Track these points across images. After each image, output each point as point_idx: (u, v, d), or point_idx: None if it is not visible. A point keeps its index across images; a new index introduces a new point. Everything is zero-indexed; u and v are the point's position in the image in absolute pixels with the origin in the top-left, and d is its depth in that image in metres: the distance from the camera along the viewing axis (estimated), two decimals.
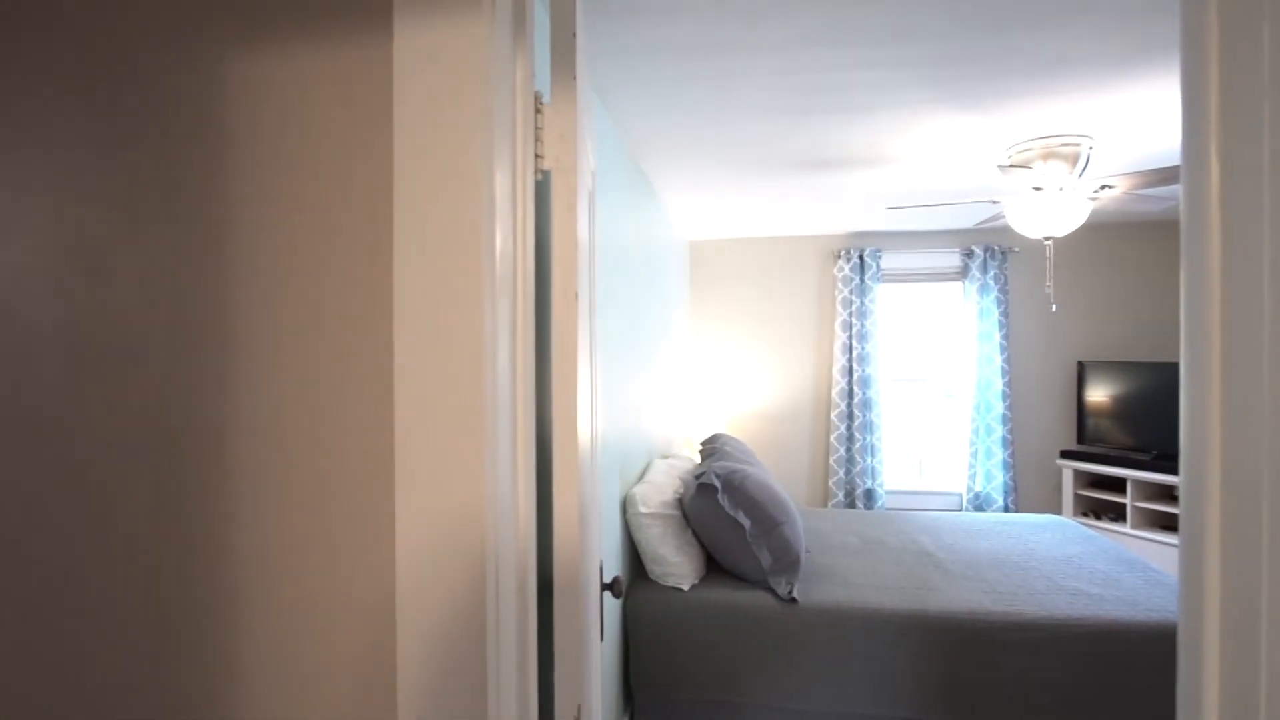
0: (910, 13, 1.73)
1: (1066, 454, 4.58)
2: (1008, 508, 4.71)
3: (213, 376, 0.79)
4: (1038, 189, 2.89)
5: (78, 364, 0.83)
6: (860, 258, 4.87)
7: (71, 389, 0.83)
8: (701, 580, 2.64)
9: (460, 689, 0.71)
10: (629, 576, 2.67)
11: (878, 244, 4.92)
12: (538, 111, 0.84)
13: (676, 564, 2.58)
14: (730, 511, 2.57)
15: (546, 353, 0.91)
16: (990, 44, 1.91)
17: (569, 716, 0.93)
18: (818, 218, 4.43)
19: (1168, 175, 2.67)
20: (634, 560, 2.74)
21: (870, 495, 4.83)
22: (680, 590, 2.56)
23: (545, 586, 1.04)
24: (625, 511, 2.62)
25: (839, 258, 4.92)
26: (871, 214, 4.29)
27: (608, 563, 2.31)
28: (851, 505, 4.85)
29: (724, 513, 2.58)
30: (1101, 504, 4.48)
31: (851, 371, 4.87)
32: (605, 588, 1.47)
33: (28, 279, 0.83)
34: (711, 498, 2.60)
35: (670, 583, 2.58)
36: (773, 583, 2.54)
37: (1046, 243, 3.39)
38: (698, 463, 3.33)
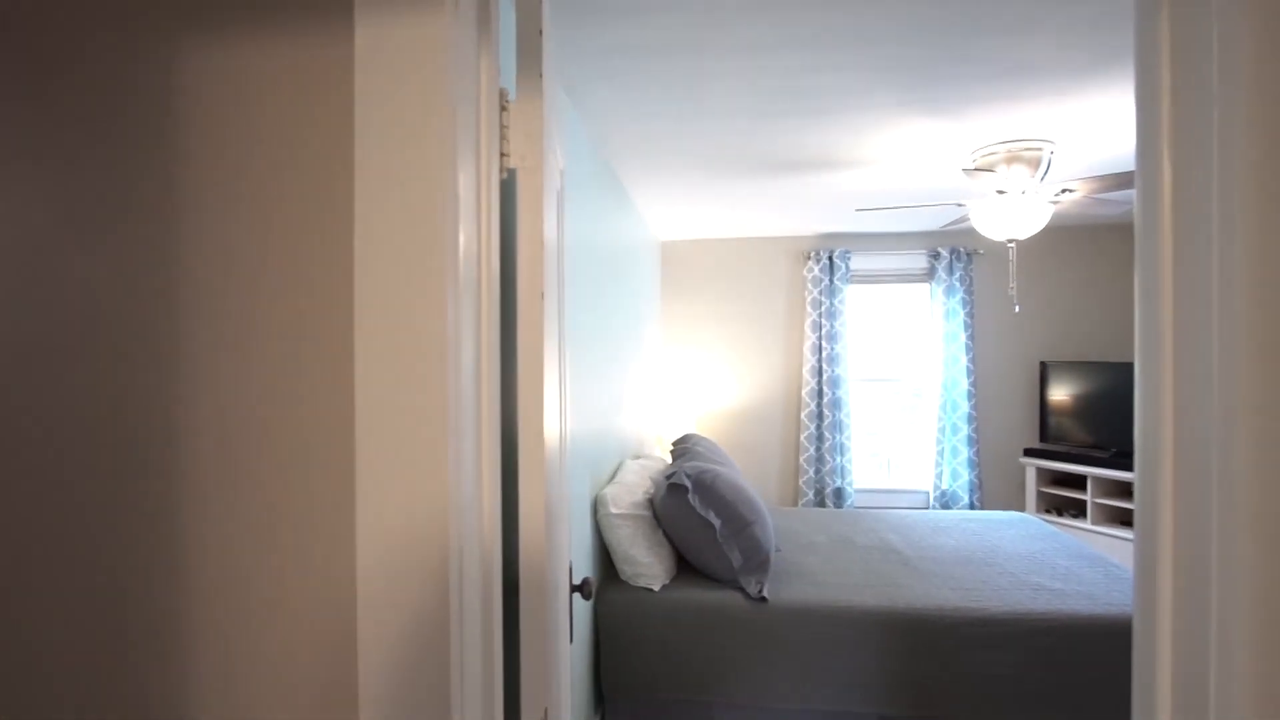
0: (878, 17, 1.75)
1: (1029, 452, 4.67)
2: (973, 505, 4.79)
3: (168, 377, 0.77)
4: (1001, 192, 2.95)
5: (30, 366, 0.80)
6: (830, 259, 4.92)
7: (24, 391, 0.80)
8: (672, 580, 2.65)
9: (423, 692, 0.70)
10: (600, 577, 2.66)
11: (847, 245, 4.97)
12: (503, 109, 0.84)
13: (647, 564, 2.58)
14: (701, 511, 2.58)
15: (513, 353, 0.90)
16: (956, 50, 1.94)
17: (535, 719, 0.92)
18: (788, 219, 4.47)
19: (1124, 180, 2.74)
20: (605, 561, 2.73)
21: (840, 494, 4.88)
22: (651, 591, 2.56)
23: (512, 588, 1.03)
24: (596, 512, 2.61)
25: (809, 259, 4.97)
26: (841, 216, 4.34)
27: (578, 564, 2.30)
28: (821, 504, 4.90)
29: (695, 513, 2.58)
30: (1063, 501, 4.58)
31: (821, 371, 4.92)
32: (575, 589, 1.47)
33: None
34: (682, 498, 2.61)
35: (641, 583, 2.58)
36: (743, 582, 2.55)
37: (1010, 245, 3.46)
38: (669, 463, 3.33)
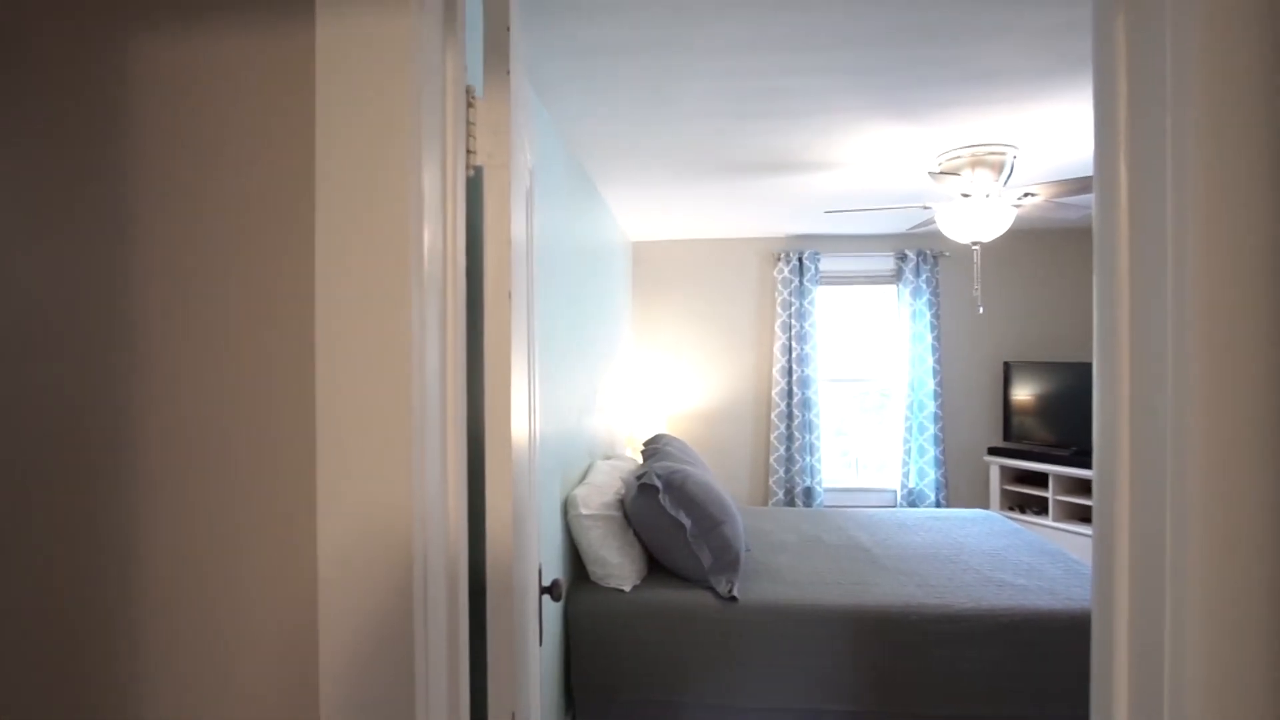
0: (847, 21, 1.76)
1: (993, 450, 4.77)
2: (939, 503, 4.87)
3: (120, 377, 0.75)
4: (966, 195, 3.00)
5: None
6: (799, 260, 4.97)
7: None
8: (643, 581, 2.65)
9: (386, 695, 0.69)
10: (570, 579, 2.65)
11: (816, 247, 5.02)
12: (470, 106, 0.83)
13: (618, 565, 2.57)
14: (671, 511, 2.58)
15: (480, 353, 0.89)
16: (923, 54, 1.97)
17: None
18: (758, 220, 4.50)
19: (1084, 184, 2.81)
20: (575, 562, 2.72)
21: (809, 493, 4.93)
22: (622, 591, 2.55)
23: (480, 590, 1.01)
24: (566, 513, 2.60)
25: (779, 260, 5.01)
26: (810, 217, 4.38)
27: (548, 565, 2.28)
28: (791, 503, 4.94)
29: (665, 513, 2.58)
30: (1026, 498, 4.68)
31: (791, 372, 4.96)
32: (544, 591, 1.46)
33: None
34: (653, 498, 2.61)
35: (612, 584, 2.57)
36: (713, 582, 2.56)
37: (974, 247, 3.53)
38: (640, 463, 3.33)
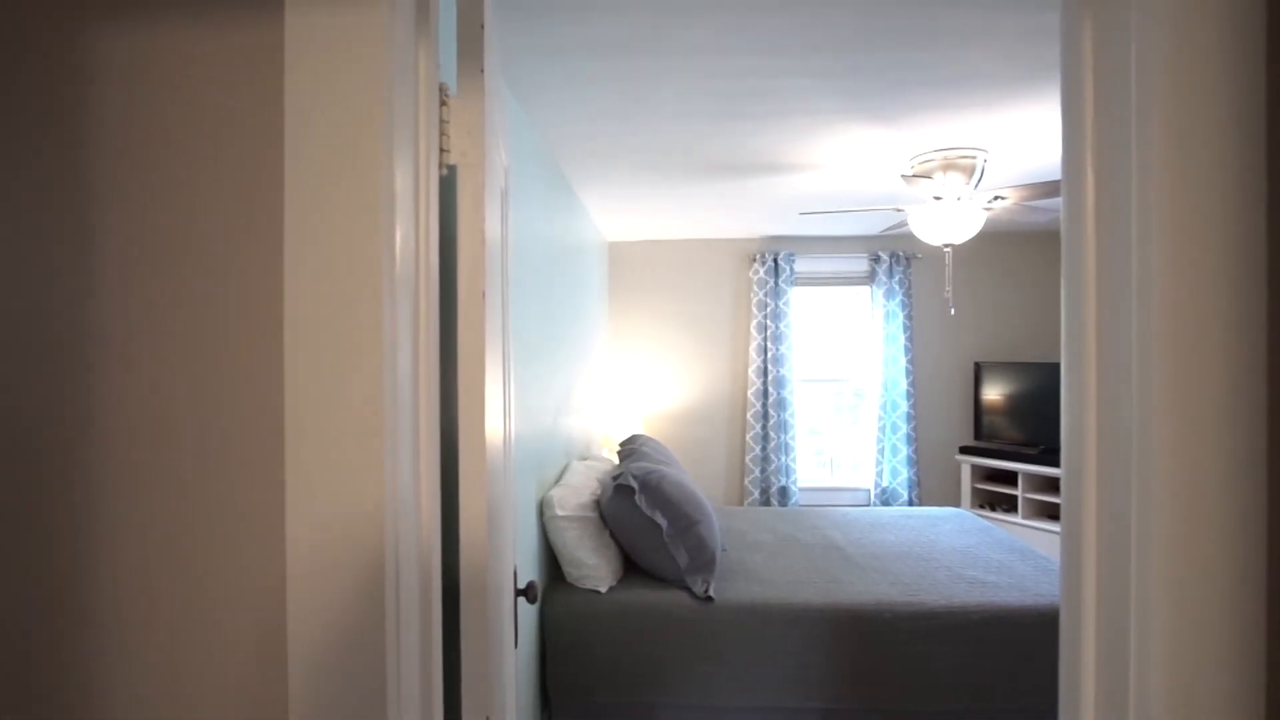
0: (821, 24, 1.78)
1: (964, 449, 4.84)
2: (912, 501, 4.94)
3: (82, 375, 0.73)
4: (938, 198, 3.05)
5: None
6: (775, 261, 5.00)
7: None
8: (619, 582, 2.64)
9: (357, 698, 0.68)
10: (546, 580, 2.64)
11: (791, 248, 5.06)
12: (443, 104, 0.82)
13: (594, 566, 2.57)
14: (648, 512, 2.58)
15: (454, 353, 0.88)
16: (896, 59, 1.99)
17: None
18: (734, 221, 4.52)
19: (1052, 188, 2.86)
20: (551, 564, 2.71)
21: (784, 493, 4.96)
22: (598, 592, 2.55)
23: (454, 592, 1.00)
24: (542, 514, 2.59)
25: (754, 261, 5.03)
26: (785, 219, 4.41)
27: (523, 567, 2.27)
28: (767, 503, 4.97)
29: (641, 513, 2.58)
30: (996, 496, 4.76)
31: (766, 372, 4.99)
32: (520, 593, 1.45)
33: None
34: (629, 499, 2.60)
35: (588, 585, 2.56)
36: (689, 582, 2.56)
37: (946, 249, 3.58)
38: (616, 464, 3.33)
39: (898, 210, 3.36)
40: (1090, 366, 0.82)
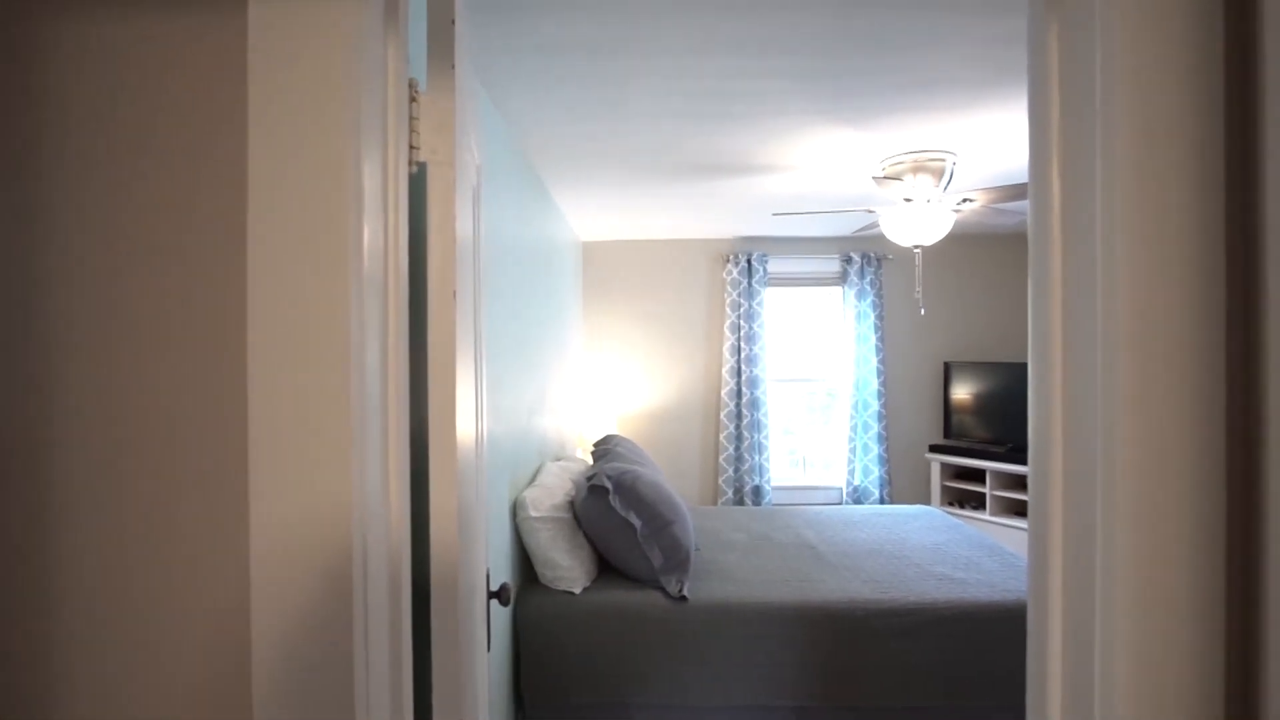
0: (794, 26, 1.79)
1: (934, 448, 4.91)
2: (883, 500, 5.00)
3: (35, 374, 0.70)
4: (908, 200, 3.08)
5: None
6: (748, 262, 5.02)
7: None
8: (593, 583, 2.63)
9: (325, 706, 0.66)
10: (519, 582, 2.62)
11: (765, 249, 5.09)
12: (413, 100, 0.80)
13: (568, 567, 2.55)
14: (622, 512, 2.57)
15: (424, 352, 0.87)
16: (867, 62, 2.01)
17: None
18: (708, 222, 4.54)
19: (1020, 191, 2.92)
20: (525, 565, 2.69)
21: (758, 492, 4.99)
22: (572, 594, 2.54)
23: (425, 594, 0.99)
24: (516, 515, 2.57)
25: (728, 261, 5.05)
26: (759, 220, 4.43)
27: (497, 569, 2.25)
28: (740, 502, 4.99)
29: (615, 514, 2.58)
30: (965, 493, 4.83)
31: (740, 372, 5.02)
32: (492, 595, 1.43)
33: None
34: (603, 499, 2.60)
35: (562, 586, 2.55)
36: (664, 582, 2.56)
37: (916, 251, 3.63)
38: (590, 464, 3.32)
39: (869, 212, 3.39)
40: (1056, 366, 0.84)
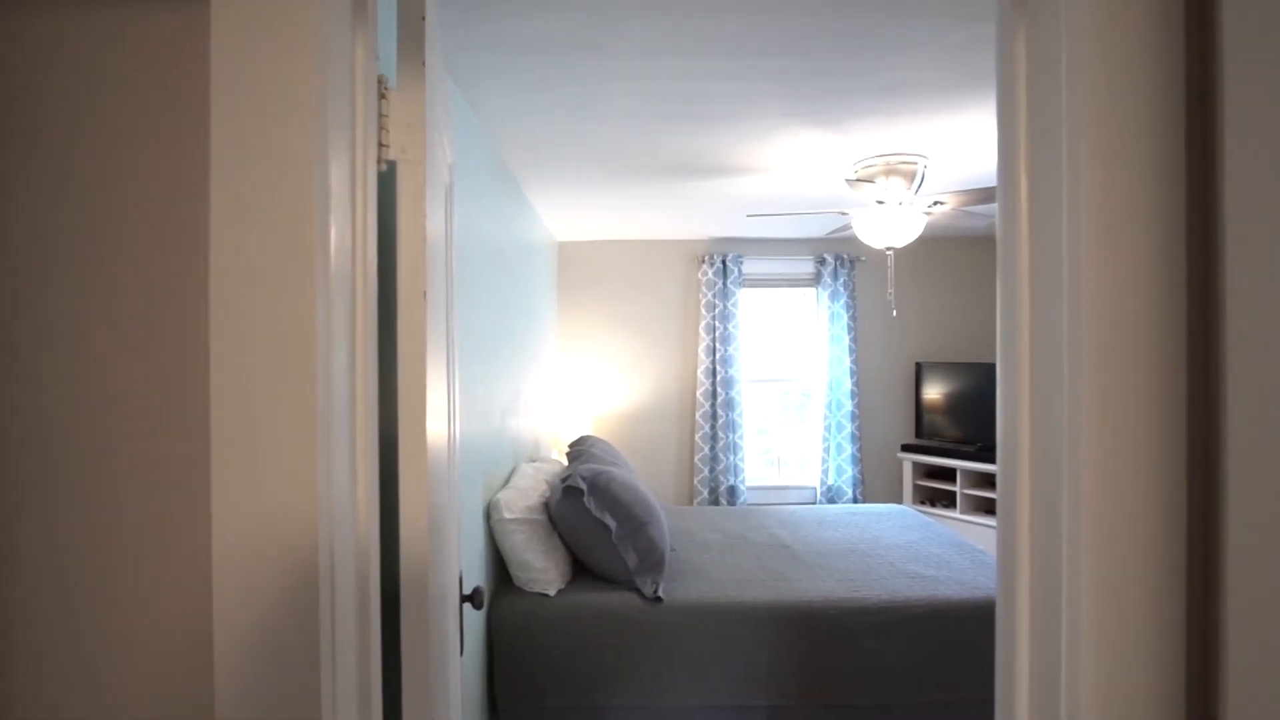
0: (769, 28, 1.80)
1: (906, 447, 4.98)
2: (856, 499, 5.04)
3: None
4: (880, 203, 3.12)
5: None
6: (723, 263, 5.04)
7: None
8: (568, 584, 2.62)
9: (289, 711, 0.65)
10: (493, 585, 2.60)
11: (739, 250, 5.11)
12: (382, 97, 0.79)
13: (542, 569, 2.54)
14: (596, 514, 2.57)
15: (394, 353, 0.85)
16: (840, 65, 2.02)
17: None
18: (683, 223, 4.54)
19: (989, 194, 2.97)
20: (499, 568, 2.67)
21: (733, 492, 5.01)
22: (546, 596, 2.52)
23: (396, 599, 0.98)
24: (489, 518, 2.55)
25: (703, 262, 5.07)
26: (733, 221, 4.45)
27: (470, 572, 2.23)
28: (715, 502, 5.01)
29: (590, 515, 2.57)
30: (936, 492, 4.90)
31: (715, 372, 5.03)
32: (465, 599, 1.42)
33: None
34: (578, 500, 2.59)
35: (536, 589, 2.54)
36: (639, 583, 2.56)
37: (888, 253, 3.67)
38: (565, 465, 3.30)
39: (842, 214, 3.42)
40: (1024, 366, 0.85)
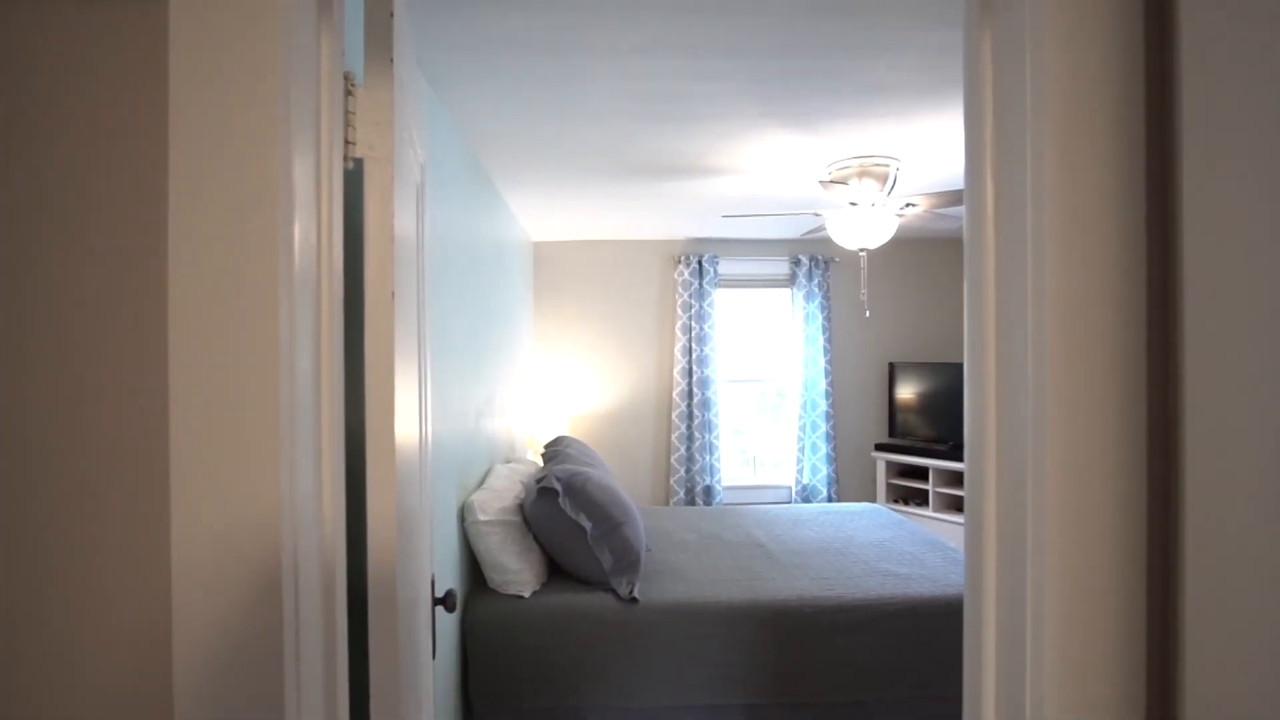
0: (745, 29, 1.80)
1: (879, 446, 5.03)
2: (831, 498, 5.09)
3: None
4: (854, 204, 3.15)
5: None
6: (699, 263, 5.06)
7: None
8: (543, 586, 2.61)
9: (252, 714, 0.63)
10: (468, 587, 2.58)
11: (715, 250, 5.13)
12: (349, 94, 0.78)
13: (517, 571, 2.52)
14: (572, 515, 2.56)
15: (361, 354, 0.84)
16: (814, 67, 2.04)
17: None
18: (659, 223, 4.55)
19: (959, 197, 3.01)
20: (473, 570, 2.65)
21: (709, 492, 5.02)
22: (521, 598, 2.51)
23: (364, 603, 0.96)
24: (463, 520, 2.53)
25: (679, 263, 5.08)
26: (709, 221, 4.46)
27: (443, 575, 2.21)
28: (692, 502, 5.02)
29: (566, 516, 2.56)
30: (909, 491, 4.96)
31: (691, 373, 5.04)
32: (437, 602, 1.40)
33: None
34: (553, 501, 2.58)
35: (511, 591, 2.52)
36: (614, 584, 2.55)
37: (861, 254, 3.71)
38: (541, 466, 3.29)
39: (816, 215, 3.45)
40: (990, 366, 0.86)
